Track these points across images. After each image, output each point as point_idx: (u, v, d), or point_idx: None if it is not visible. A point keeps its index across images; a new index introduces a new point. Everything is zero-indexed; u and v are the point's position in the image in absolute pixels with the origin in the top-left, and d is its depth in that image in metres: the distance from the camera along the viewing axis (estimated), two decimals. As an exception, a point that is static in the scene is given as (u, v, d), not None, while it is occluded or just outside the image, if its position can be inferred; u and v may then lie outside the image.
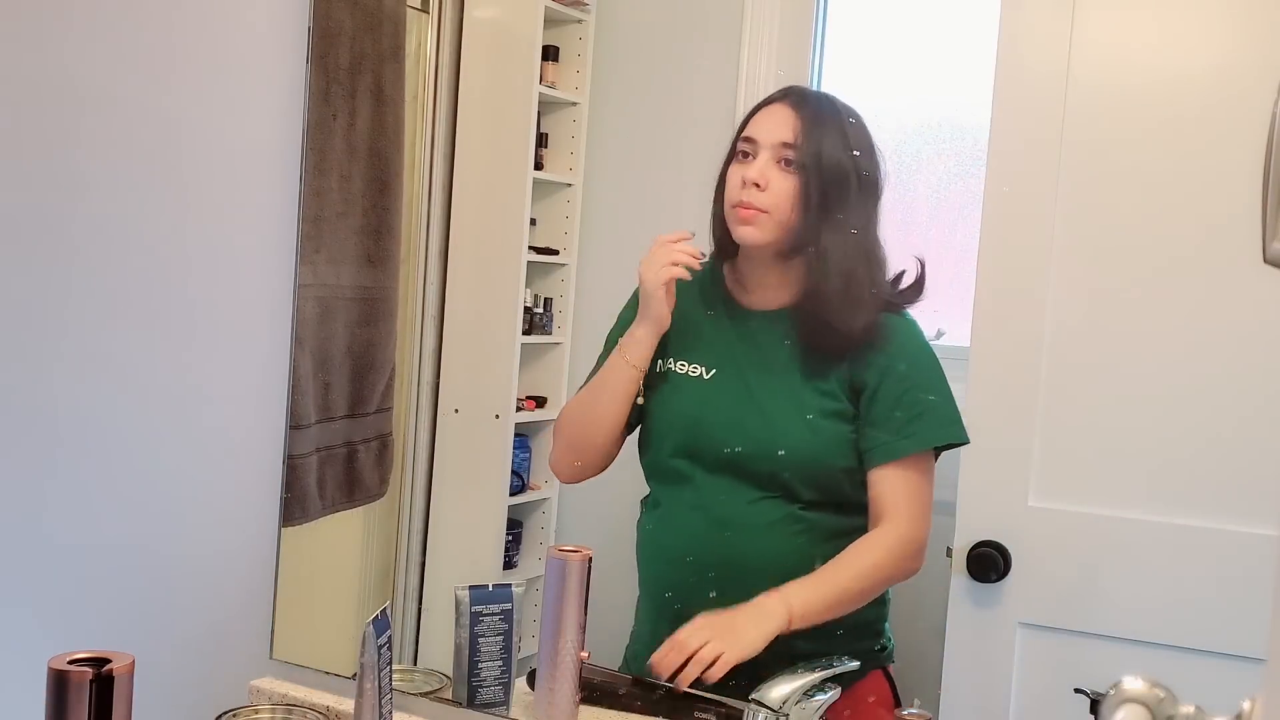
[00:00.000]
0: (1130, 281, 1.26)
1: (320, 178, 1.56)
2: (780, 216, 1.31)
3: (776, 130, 1.32)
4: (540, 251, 1.59)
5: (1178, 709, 0.56)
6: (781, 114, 1.33)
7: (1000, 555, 1.31)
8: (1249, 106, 0.87)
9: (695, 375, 1.39)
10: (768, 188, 1.31)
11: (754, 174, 1.31)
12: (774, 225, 1.32)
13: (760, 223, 1.32)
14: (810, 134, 1.31)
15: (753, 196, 1.31)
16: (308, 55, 1.55)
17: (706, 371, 1.39)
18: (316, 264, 1.56)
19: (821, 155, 1.31)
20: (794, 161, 1.31)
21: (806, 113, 1.32)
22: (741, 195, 1.32)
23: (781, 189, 1.31)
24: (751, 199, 1.32)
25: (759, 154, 1.32)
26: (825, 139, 1.32)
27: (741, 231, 1.33)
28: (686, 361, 1.39)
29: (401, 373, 1.62)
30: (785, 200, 1.31)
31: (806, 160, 1.30)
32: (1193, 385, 1.23)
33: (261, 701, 1.49)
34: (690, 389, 1.39)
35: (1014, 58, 1.30)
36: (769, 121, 1.33)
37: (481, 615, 1.38)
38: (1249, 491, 1.20)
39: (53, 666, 1.10)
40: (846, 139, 1.32)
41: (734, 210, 1.33)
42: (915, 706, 1.23)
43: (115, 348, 1.78)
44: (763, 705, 1.21)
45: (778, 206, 1.31)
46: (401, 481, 1.64)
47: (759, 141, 1.32)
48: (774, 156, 1.31)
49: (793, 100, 1.34)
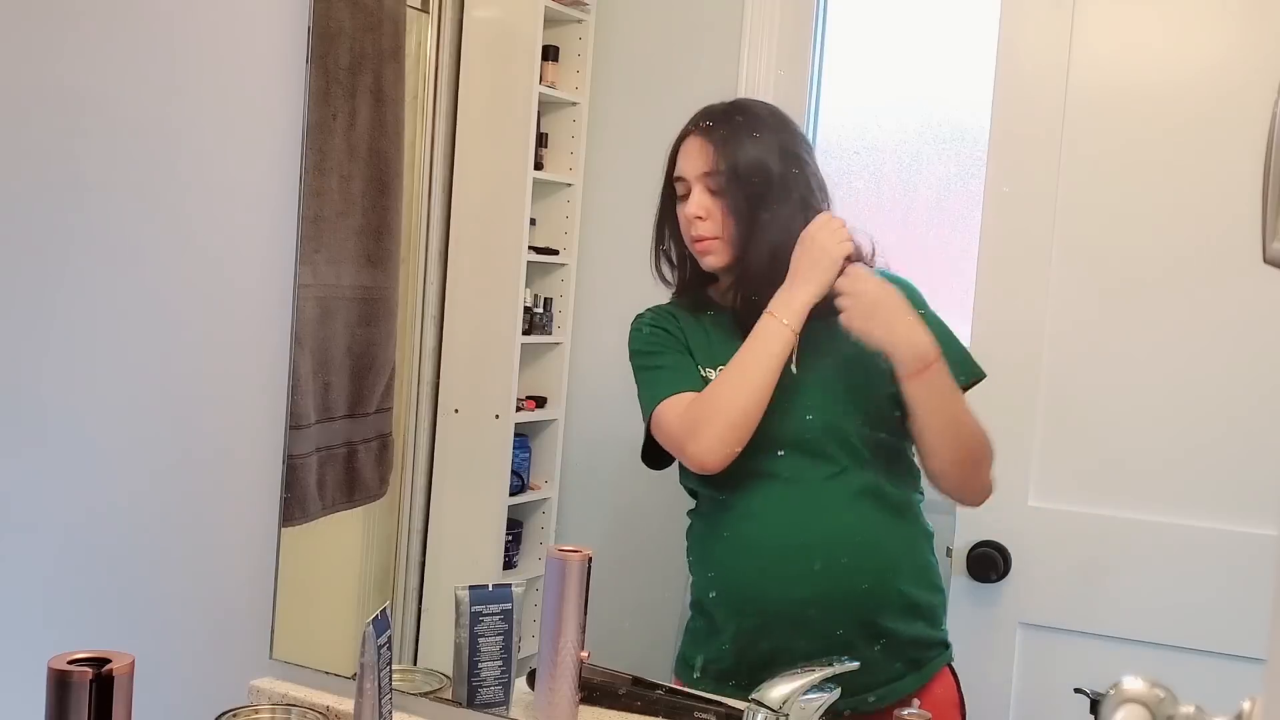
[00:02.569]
0: (1130, 282, 1.26)
1: (320, 178, 1.55)
2: (726, 235, 1.39)
3: (696, 162, 1.39)
4: (540, 251, 1.59)
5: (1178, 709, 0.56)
6: (694, 146, 1.40)
7: (1000, 555, 1.31)
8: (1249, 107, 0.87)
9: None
10: (709, 216, 1.39)
11: (693, 209, 1.39)
12: (723, 247, 1.39)
13: (715, 249, 1.40)
14: (722, 153, 1.38)
15: (699, 229, 1.39)
16: (308, 55, 1.55)
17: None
18: (316, 264, 1.56)
19: (738, 166, 1.38)
20: (718, 187, 1.38)
21: (715, 136, 1.39)
22: (692, 231, 1.40)
23: (717, 211, 1.39)
24: (700, 231, 1.39)
25: (691, 189, 1.39)
26: (736, 148, 1.39)
27: (706, 261, 1.41)
28: (710, 366, 1.40)
29: (401, 373, 1.62)
30: (723, 220, 1.38)
31: (725, 180, 1.38)
32: (1192, 385, 1.23)
33: (261, 701, 1.49)
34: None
35: (1014, 58, 1.30)
36: (688, 156, 1.41)
37: (481, 615, 1.38)
38: (1249, 491, 1.20)
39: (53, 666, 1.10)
40: (763, 140, 1.40)
41: (693, 245, 1.40)
42: (915, 707, 1.23)
43: (115, 348, 1.78)
44: (762, 705, 1.21)
45: (723, 229, 1.38)
46: (401, 481, 1.64)
47: (687, 178, 1.40)
48: (702, 187, 1.39)
49: (698, 129, 1.41)
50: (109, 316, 1.79)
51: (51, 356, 1.85)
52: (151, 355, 1.75)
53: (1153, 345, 1.26)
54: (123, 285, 1.77)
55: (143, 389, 1.76)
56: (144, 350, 1.75)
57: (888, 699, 1.28)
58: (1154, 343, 1.26)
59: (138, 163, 1.75)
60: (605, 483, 1.62)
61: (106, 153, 1.79)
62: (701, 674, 1.40)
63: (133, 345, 1.76)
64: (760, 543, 1.38)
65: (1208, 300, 1.23)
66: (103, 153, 1.79)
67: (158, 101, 1.74)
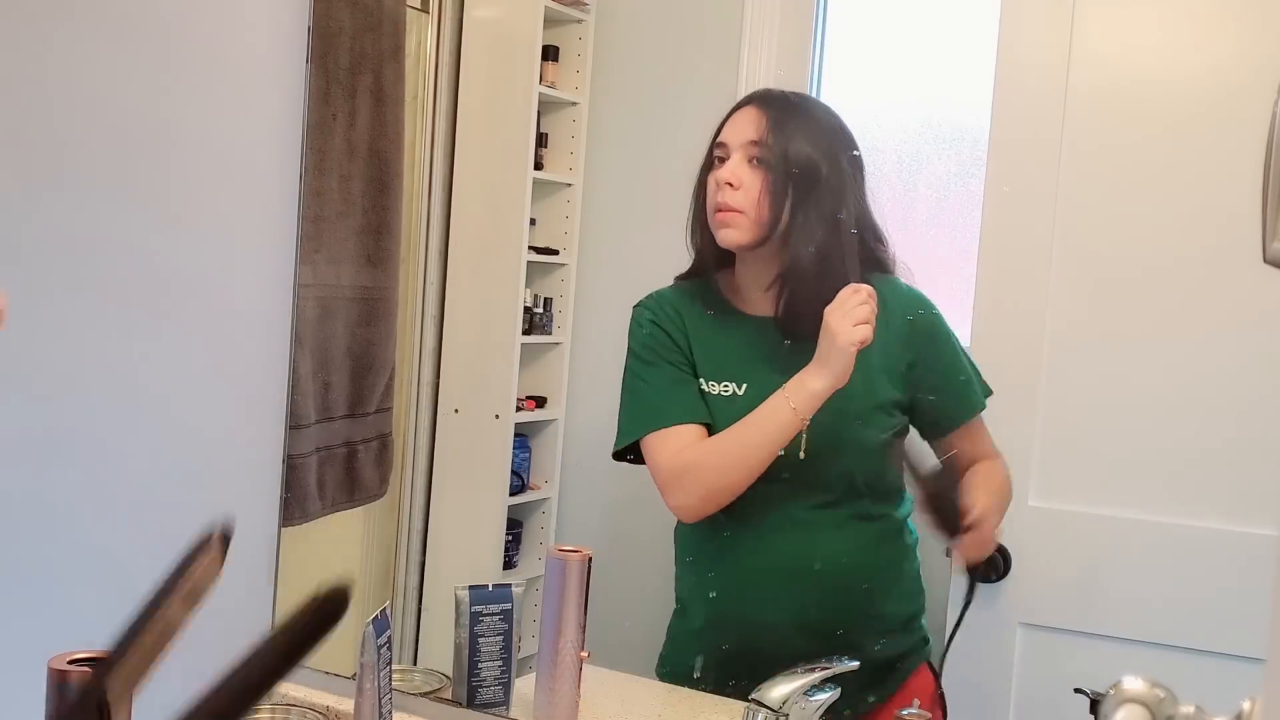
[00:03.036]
0: (1130, 281, 1.26)
1: (320, 178, 1.55)
2: (754, 214, 1.30)
3: (744, 130, 1.31)
4: (540, 251, 1.59)
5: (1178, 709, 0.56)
6: (749, 114, 1.32)
7: (1000, 555, 1.31)
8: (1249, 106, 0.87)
9: (729, 394, 1.34)
10: (740, 186, 1.30)
11: (726, 174, 1.30)
12: (750, 224, 1.30)
13: (738, 223, 1.31)
14: (776, 128, 1.30)
15: (727, 196, 1.30)
16: (308, 55, 1.55)
17: (738, 388, 1.34)
18: (316, 264, 1.56)
19: (789, 147, 1.30)
20: (763, 158, 1.29)
21: (772, 109, 1.32)
22: (718, 197, 1.31)
23: (754, 186, 1.30)
24: (726, 199, 1.30)
25: (730, 155, 1.31)
26: (792, 132, 1.31)
27: (722, 234, 1.32)
28: (715, 381, 1.35)
29: (401, 373, 1.62)
30: (758, 195, 1.29)
31: (773, 155, 1.29)
32: (1192, 385, 1.23)
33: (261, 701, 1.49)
34: (727, 409, 1.33)
35: (1014, 58, 1.30)
36: (738, 123, 1.32)
37: (481, 615, 1.38)
38: (1249, 491, 1.20)
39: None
40: (815, 128, 1.33)
41: (714, 215, 1.32)
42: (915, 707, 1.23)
43: (114, 347, 1.78)
44: (763, 705, 1.21)
45: (752, 204, 1.29)
46: (401, 481, 1.64)
47: (729, 144, 1.32)
48: (744, 156, 1.30)
49: (759, 100, 1.33)
50: (108, 316, 1.79)
51: (51, 356, 1.85)
52: (151, 355, 1.75)
53: (1152, 345, 1.26)
54: (122, 285, 1.77)
55: (143, 388, 1.75)
56: (144, 350, 1.75)
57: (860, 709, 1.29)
58: (1154, 342, 1.26)
59: (137, 163, 1.75)
60: (605, 483, 1.62)
61: (105, 153, 1.79)
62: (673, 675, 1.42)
63: (132, 345, 1.76)
64: (750, 563, 1.38)
65: (1208, 300, 1.23)
66: (101, 153, 1.79)
67: (157, 101, 1.74)
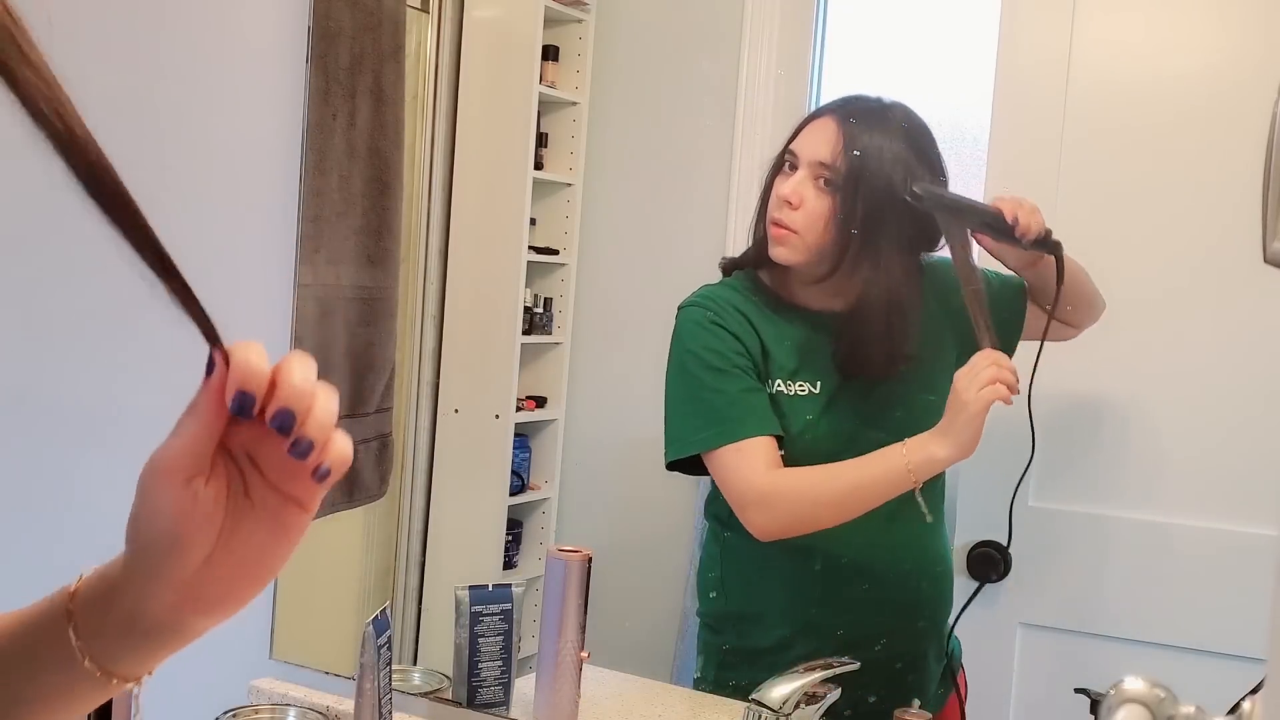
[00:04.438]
0: (1130, 282, 1.26)
1: (320, 177, 1.55)
2: (811, 239, 1.25)
3: (817, 147, 1.25)
4: (540, 251, 1.59)
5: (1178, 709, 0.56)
6: (826, 129, 1.25)
7: (1000, 555, 1.31)
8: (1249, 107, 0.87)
9: (805, 394, 1.30)
10: (801, 207, 1.24)
11: (787, 191, 1.25)
12: (804, 247, 1.25)
13: (791, 243, 1.26)
14: (851, 154, 1.22)
15: (785, 215, 1.25)
16: (308, 55, 1.55)
17: (814, 387, 1.30)
18: (316, 264, 1.56)
19: (862, 177, 1.22)
20: (831, 181, 1.24)
21: (852, 130, 1.23)
22: (775, 212, 1.26)
23: (815, 209, 1.24)
24: (783, 217, 1.25)
25: (798, 169, 1.26)
26: (870, 159, 1.22)
27: (775, 251, 1.27)
28: (791, 380, 1.31)
29: (401, 373, 1.62)
30: (818, 221, 1.24)
31: (843, 181, 1.23)
32: (1192, 385, 1.23)
33: (261, 701, 1.49)
34: (803, 410, 1.30)
35: (1014, 58, 1.30)
36: (813, 136, 1.26)
37: (481, 615, 1.38)
38: (1249, 491, 1.20)
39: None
40: (899, 158, 1.23)
41: (770, 228, 1.28)
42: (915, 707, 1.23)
43: (114, 347, 1.78)
44: (763, 705, 1.21)
45: (809, 228, 1.24)
46: (401, 481, 1.64)
47: (800, 156, 1.26)
48: (811, 174, 1.24)
49: (840, 114, 1.26)
50: (109, 316, 1.79)
51: (52, 356, 1.85)
52: (151, 354, 1.75)
53: (1152, 345, 1.26)
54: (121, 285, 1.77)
55: (142, 388, 1.75)
56: (144, 349, 1.75)
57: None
58: (1154, 343, 1.26)
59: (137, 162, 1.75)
60: (605, 483, 1.62)
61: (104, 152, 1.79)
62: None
63: (132, 345, 1.76)
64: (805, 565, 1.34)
65: (1208, 299, 1.23)
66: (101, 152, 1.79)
67: (157, 101, 1.74)
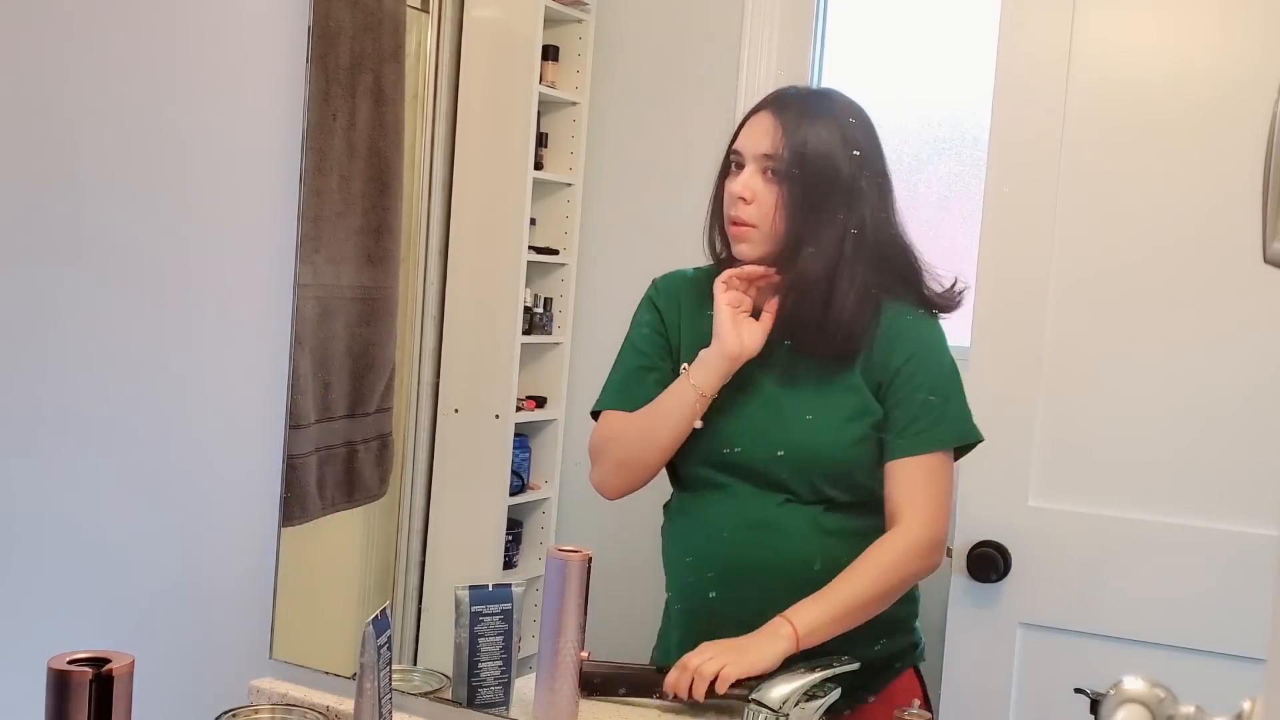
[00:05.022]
0: (1130, 281, 1.26)
1: (320, 177, 1.55)
2: (769, 229, 1.30)
3: (758, 141, 1.30)
4: (540, 251, 1.59)
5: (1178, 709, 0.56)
6: (764, 123, 1.30)
7: (1000, 555, 1.31)
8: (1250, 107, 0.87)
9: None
10: (754, 200, 1.29)
11: (738, 188, 1.30)
12: (763, 238, 1.30)
13: (751, 238, 1.31)
14: (792, 141, 1.28)
15: (740, 211, 1.30)
16: (308, 55, 1.55)
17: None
18: (316, 264, 1.56)
19: (804, 161, 1.28)
20: (777, 170, 1.28)
21: (788, 118, 1.29)
22: (731, 210, 1.31)
23: (767, 200, 1.29)
24: (739, 214, 1.30)
25: (745, 165, 1.30)
26: (809, 143, 1.29)
27: (737, 249, 1.32)
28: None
29: (401, 373, 1.62)
30: (771, 210, 1.29)
31: (787, 169, 1.28)
32: (1192, 384, 1.23)
33: (261, 701, 1.49)
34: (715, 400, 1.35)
35: (1014, 58, 1.30)
36: (752, 132, 1.31)
37: (481, 615, 1.38)
38: (1249, 491, 1.20)
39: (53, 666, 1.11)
40: (839, 138, 1.29)
41: (729, 227, 1.32)
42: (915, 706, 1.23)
43: (115, 347, 1.78)
44: (763, 705, 1.21)
45: (764, 218, 1.29)
46: (401, 481, 1.64)
47: (744, 153, 1.31)
48: (758, 168, 1.29)
49: (776, 107, 1.31)
50: (109, 316, 1.79)
51: (52, 356, 1.85)
52: (151, 354, 1.75)
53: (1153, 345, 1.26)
54: (123, 285, 1.77)
55: (142, 388, 1.75)
56: (143, 349, 1.75)
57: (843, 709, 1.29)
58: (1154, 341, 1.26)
59: (137, 162, 1.75)
60: (605, 483, 1.62)
61: (106, 152, 1.79)
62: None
63: (133, 345, 1.76)
64: (714, 559, 1.38)
65: (1208, 299, 1.22)
66: (102, 152, 1.79)
67: (157, 101, 1.74)
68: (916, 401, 1.30)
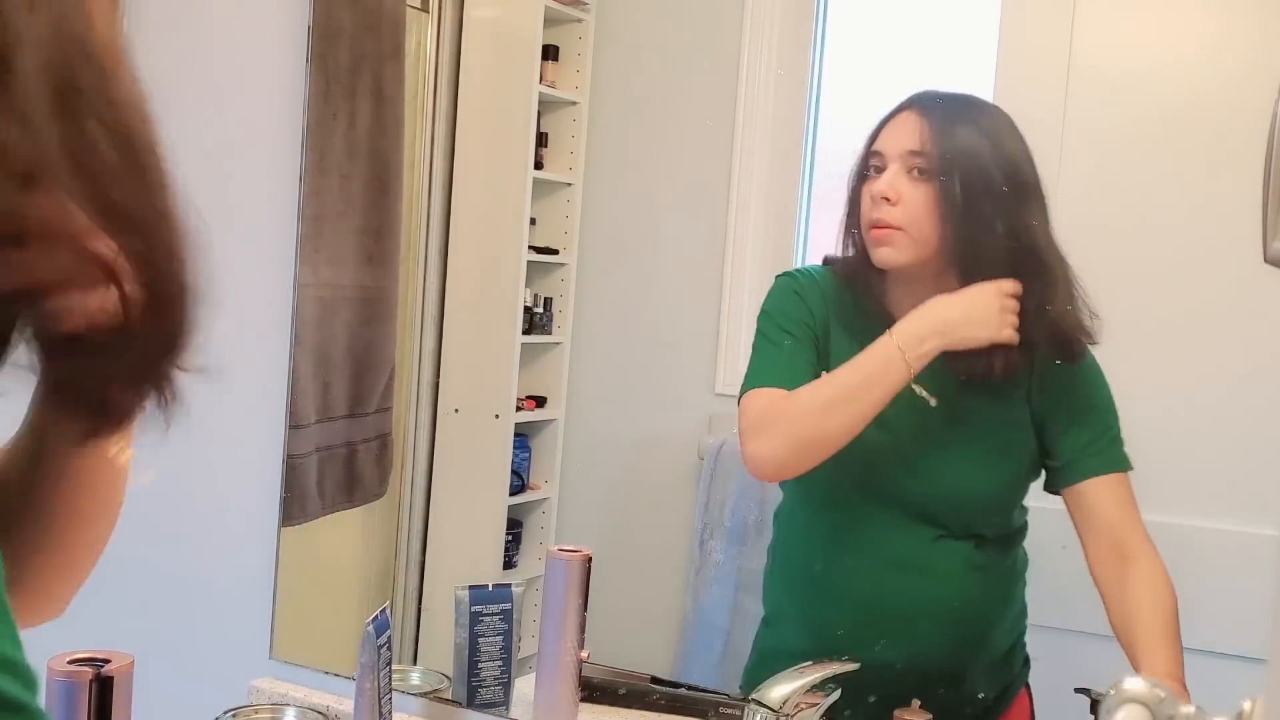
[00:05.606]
0: (1129, 281, 1.26)
1: (320, 177, 1.55)
2: (918, 233, 1.20)
3: (903, 139, 1.21)
4: (540, 251, 1.59)
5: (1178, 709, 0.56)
6: (908, 122, 1.22)
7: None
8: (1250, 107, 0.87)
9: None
10: (899, 201, 1.19)
11: (882, 187, 1.20)
12: (911, 243, 1.20)
13: (896, 242, 1.20)
14: (941, 137, 1.20)
15: (884, 213, 1.20)
16: (308, 55, 1.55)
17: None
18: (316, 263, 1.56)
19: (957, 157, 1.20)
20: (926, 169, 1.19)
21: (934, 116, 1.21)
22: (873, 213, 1.21)
23: (915, 201, 1.19)
24: (883, 215, 1.20)
25: (887, 166, 1.21)
26: (959, 140, 1.21)
27: (879, 254, 1.22)
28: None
29: (401, 372, 1.62)
30: (921, 212, 1.19)
31: (939, 165, 1.19)
32: (1192, 384, 1.23)
33: (261, 701, 1.49)
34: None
35: (1014, 58, 1.30)
36: (895, 131, 1.23)
37: (481, 615, 1.38)
38: (1249, 491, 1.20)
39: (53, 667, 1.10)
40: (987, 138, 1.22)
41: (869, 232, 1.22)
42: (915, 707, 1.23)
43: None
44: (763, 705, 1.21)
45: (913, 221, 1.20)
46: (401, 481, 1.64)
47: (886, 154, 1.22)
48: (903, 167, 1.20)
49: (919, 106, 1.23)
50: (109, 316, 1.79)
51: (51, 356, 1.85)
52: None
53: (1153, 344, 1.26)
54: (123, 285, 1.77)
55: (143, 389, 1.75)
56: None
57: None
58: (1154, 342, 1.26)
59: (138, 162, 1.75)
60: (605, 483, 1.62)
61: (106, 152, 1.79)
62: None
63: None
64: (859, 592, 1.31)
65: (1208, 299, 1.23)
66: (103, 152, 1.79)
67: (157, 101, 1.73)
68: (1096, 421, 1.22)
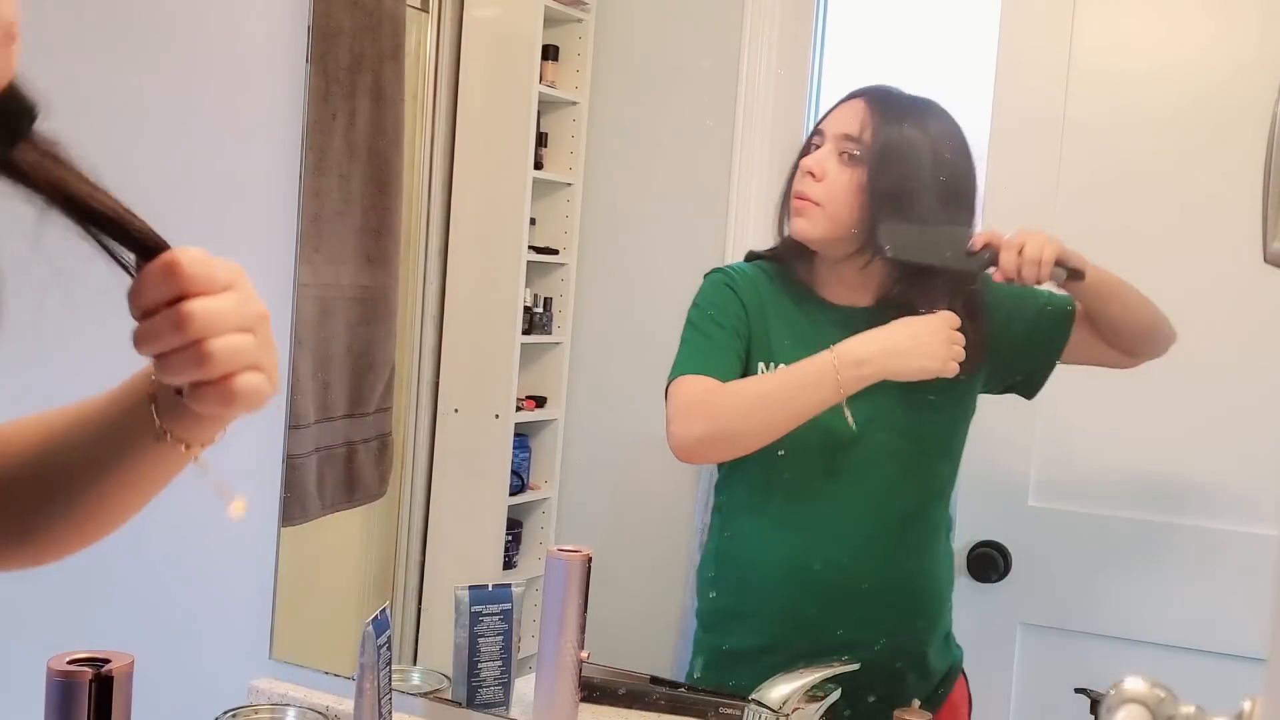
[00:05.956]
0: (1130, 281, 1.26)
1: (320, 177, 1.55)
2: (833, 211, 1.26)
3: (842, 122, 1.27)
4: (540, 251, 1.59)
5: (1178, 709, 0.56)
6: (853, 108, 1.28)
7: (1000, 555, 1.31)
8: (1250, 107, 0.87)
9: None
10: (823, 178, 1.26)
11: (810, 163, 1.27)
12: (826, 219, 1.27)
13: (810, 214, 1.27)
14: (878, 129, 1.25)
15: (806, 186, 1.27)
16: (308, 55, 1.55)
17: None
18: (316, 263, 1.56)
19: (888, 152, 1.25)
20: (855, 156, 1.26)
21: (880, 108, 1.26)
22: (797, 184, 1.28)
23: (838, 182, 1.26)
24: (804, 188, 1.27)
25: (823, 145, 1.28)
26: (895, 136, 1.26)
27: (794, 224, 1.29)
28: (771, 363, 1.32)
29: (401, 372, 1.62)
30: (840, 193, 1.26)
31: (870, 154, 1.25)
32: (1193, 384, 1.23)
33: (261, 701, 1.49)
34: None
35: (1014, 58, 1.30)
36: (839, 115, 1.29)
37: (481, 615, 1.38)
38: (1249, 491, 1.20)
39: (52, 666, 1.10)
40: (928, 142, 1.27)
41: (792, 200, 1.29)
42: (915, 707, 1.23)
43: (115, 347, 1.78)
44: (763, 705, 1.21)
45: (831, 200, 1.26)
46: (401, 481, 1.64)
47: (825, 134, 1.28)
48: (836, 148, 1.27)
49: (868, 96, 1.28)
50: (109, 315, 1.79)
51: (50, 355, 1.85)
52: (151, 355, 1.74)
53: (1153, 345, 1.26)
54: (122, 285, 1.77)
55: (143, 389, 1.75)
56: (144, 350, 1.75)
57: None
58: (1154, 342, 1.26)
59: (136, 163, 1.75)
60: (605, 483, 1.62)
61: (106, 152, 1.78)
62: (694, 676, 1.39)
63: (132, 345, 1.76)
64: (803, 564, 1.33)
65: (1208, 299, 1.23)
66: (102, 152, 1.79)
67: (157, 101, 1.74)
68: (1037, 312, 1.27)
